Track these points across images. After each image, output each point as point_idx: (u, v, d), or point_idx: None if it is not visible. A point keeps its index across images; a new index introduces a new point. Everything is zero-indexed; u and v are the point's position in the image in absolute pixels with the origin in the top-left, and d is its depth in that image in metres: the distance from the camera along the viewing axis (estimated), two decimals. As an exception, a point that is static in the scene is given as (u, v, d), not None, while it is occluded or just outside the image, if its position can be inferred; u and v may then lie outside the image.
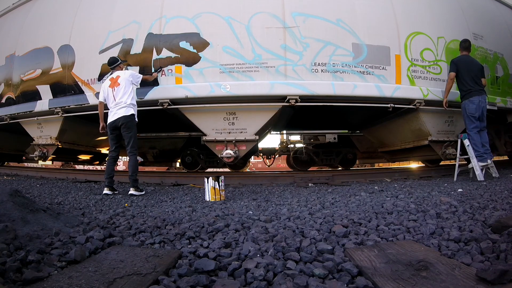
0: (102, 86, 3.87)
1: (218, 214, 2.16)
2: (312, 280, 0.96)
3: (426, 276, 0.95)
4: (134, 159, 3.76)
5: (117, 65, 3.89)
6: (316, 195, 3.29)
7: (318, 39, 4.19)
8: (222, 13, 4.19)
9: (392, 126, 5.42)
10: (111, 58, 3.95)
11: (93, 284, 0.92)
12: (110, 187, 3.72)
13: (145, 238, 1.52)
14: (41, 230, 1.44)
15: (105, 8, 4.67)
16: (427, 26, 4.61)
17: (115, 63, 3.90)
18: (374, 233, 1.53)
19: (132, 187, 3.65)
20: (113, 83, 3.76)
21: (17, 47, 5.33)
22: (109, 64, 3.90)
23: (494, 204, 2.11)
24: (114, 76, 3.80)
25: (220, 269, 1.11)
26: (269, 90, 4.07)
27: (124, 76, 3.77)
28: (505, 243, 1.18)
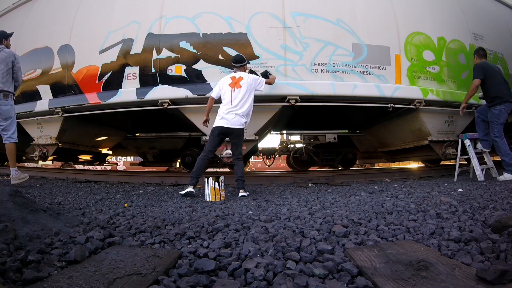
0: (221, 82, 3.59)
1: (218, 214, 2.16)
2: (312, 280, 0.96)
3: (426, 276, 0.95)
4: (242, 163, 3.60)
5: (243, 65, 3.65)
6: (316, 195, 3.29)
7: (318, 39, 4.19)
8: (222, 13, 4.20)
9: (392, 126, 5.42)
10: (237, 55, 3.71)
11: (93, 284, 0.92)
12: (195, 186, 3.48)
13: (145, 238, 1.52)
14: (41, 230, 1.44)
15: (105, 8, 4.67)
16: (427, 26, 4.61)
17: (242, 62, 3.64)
18: (374, 233, 1.53)
19: (241, 189, 3.49)
20: (234, 82, 3.51)
21: (17, 47, 5.32)
22: (234, 62, 3.65)
23: (494, 204, 2.11)
24: (236, 76, 3.56)
25: (220, 269, 1.11)
26: (269, 90, 4.07)
27: (247, 80, 3.53)
28: (505, 243, 1.18)
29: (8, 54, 3.64)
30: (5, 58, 3.60)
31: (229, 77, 3.60)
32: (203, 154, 3.54)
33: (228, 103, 3.50)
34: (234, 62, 3.66)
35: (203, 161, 3.52)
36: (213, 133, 3.55)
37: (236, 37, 4.15)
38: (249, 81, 3.54)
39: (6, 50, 3.68)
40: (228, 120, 3.47)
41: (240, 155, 3.62)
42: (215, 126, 3.54)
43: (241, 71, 3.64)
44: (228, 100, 3.50)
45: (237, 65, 3.64)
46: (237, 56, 3.72)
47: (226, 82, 3.56)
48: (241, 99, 3.48)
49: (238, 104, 3.48)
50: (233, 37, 4.15)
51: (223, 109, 3.52)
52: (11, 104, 3.67)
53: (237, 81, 3.53)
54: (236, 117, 3.47)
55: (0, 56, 3.59)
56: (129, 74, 4.36)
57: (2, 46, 3.69)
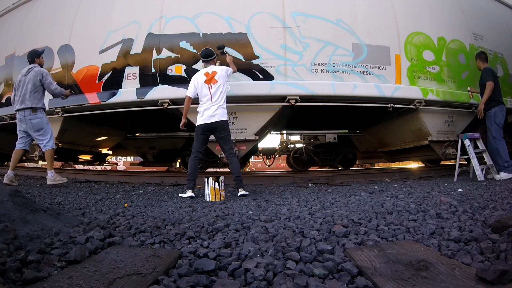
0: (194, 80, 3.53)
1: (218, 214, 2.16)
2: (312, 280, 0.96)
3: (426, 276, 0.95)
4: (236, 159, 3.54)
5: (212, 59, 3.61)
6: (316, 195, 3.29)
7: (318, 39, 4.19)
8: (222, 13, 4.20)
9: (392, 126, 5.42)
10: (206, 49, 3.63)
11: (93, 284, 0.92)
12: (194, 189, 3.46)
13: (145, 238, 1.52)
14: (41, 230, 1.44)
15: (105, 8, 4.67)
16: (427, 26, 4.62)
17: (211, 56, 3.59)
18: (374, 233, 1.53)
19: (241, 188, 3.46)
20: (209, 79, 3.46)
21: (17, 47, 5.33)
22: (204, 57, 3.59)
23: (494, 204, 2.11)
24: (209, 71, 3.50)
25: (220, 269, 1.11)
26: (269, 90, 4.07)
27: (221, 72, 3.48)
28: (505, 243, 1.18)
29: (35, 73, 3.90)
30: (33, 78, 3.89)
31: (202, 73, 3.53)
32: (193, 155, 3.52)
33: (208, 100, 3.45)
34: (204, 57, 3.60)
35: (195, 162, 3.49)
36: (197, 132, 3.52)
37: (236, 37, 4.15)
38: (223, 73, 3.51)
39: (35, 69, 3.95)
40: (210, 115, 3.41)
41: (232, 150, 3.57)
42: (198, 125, 3.51)
43: (212, 65, 3.60)
44: (208, 97, 3.45)
45: (207, 59, 3.59)
46: (206, 50, 3.64)
47: (201, 80, 3.49)
48: (220, 92, 3.45)
49: (218, 98, 3.45)
50: (233, 37, 4.15)
51: (203, 106, 3.47)
52: (40, 117, 3.94)
53: (211, 76, 3.48)
54: (218, 109, 3.43)
55: (29, 76, 3.89)
56: (129, 74, 4.36)
57: (34, 65, 3.99)
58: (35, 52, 4.07)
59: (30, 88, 3.87)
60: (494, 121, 4.13)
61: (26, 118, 3.89)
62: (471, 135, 4.37)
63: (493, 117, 4.13)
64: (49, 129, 4.00)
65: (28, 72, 3.93)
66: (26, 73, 3.94)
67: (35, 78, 3.88)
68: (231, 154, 3.54)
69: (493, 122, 4.13)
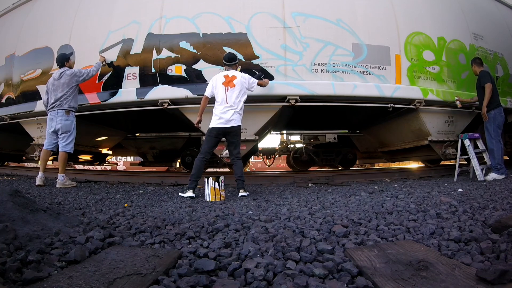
0: (213, 80, 3.54)
1: (218, 214, 2.16)
2: (312, 280, 0.96)
3: (426, 276, 0.95)
4: (240, 162, 3.59)
5: (235, 63, 3.63)
6: (316, 195, 3.29)
7: (318, 39, 4.19)
8: (222, 13, 4.19)
9: (392, 126, 5.42)
10: (230, 53, 3.68)
11: (93, 284, 0.92)
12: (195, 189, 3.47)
13: (145, 238, 1.52)
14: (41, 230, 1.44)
15: (105, 8, 4.67)
16: (427, 26, 4.61)
17: (234, 60, 3.62)
18: (374, 233, 1.53)
19: (241, 189, 3.48)
20: (227, 81, 3.46)
21: (17, 47, 5.33)
22: (227, 60, 3.61)
23: (494, 204, 2.11)
24: (229, 75, 3.51)
25: (220, 269, 1.11)
26: (269, 90, 4.07)
27: (240, 79, 3.50)
28: (505, 243, 1.18)
29: (70, 77, 4.02)
30: (68, 81, 4.01)
31: (222, 75, 3.55)
32: (200, 156, 3.50)
33: (223, 102, 3.46)
34: (227, 61, 3.62)
35: (201, 163, 3.49)
36: (211, 134, 3.51)
37: (236, 37, 4.15)
38: (242, 80, 3.52)
39: (67, 72, 4.05)
40: (227, 119, 3.43)
41: (239, 154, 3.61)
42: (212, 127, 3.50)
43: (233, 69, 3.61)
44: (222, 99, 3.45)
45: (229, 63, 3.62)
46: (229, 54, 3.68)
47: (220, 81, 3.50)
48: (236, 98, 3.47)
49: (234, 102, 3.46)
50: (233, 37, 4.15)
51: (219, 109, 3.48)
52: (72, 120, 4.08)
53: (230, 79, 3.48)
54: (235, 115, 3.46)
55: (63, 80, 4.00)
56: (129, 74, 4.36)
57: (65, 68, 4.10)
58: (64, 56, 4.19)
59: (67, 90, 4.00)
60: (493, 123, 4.15)
61: (58, 118, 3.98)
62: (471, 135, 4.37)
63: (493, 119, 4.15)
64: (74, 133, 4.12)
65: (60, 76, 4.03)
66: (58, 77, 4.04)
67: (70, 81, 4.02)
68: (237, 158, 3.58)
69: (492, 124, 4.15)
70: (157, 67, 4.25)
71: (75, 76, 4.05)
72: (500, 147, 4.13)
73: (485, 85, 4.13)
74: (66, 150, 4.02)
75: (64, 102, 4.00)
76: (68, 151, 4.04)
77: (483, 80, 4.18)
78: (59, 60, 4.13)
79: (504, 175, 3.98)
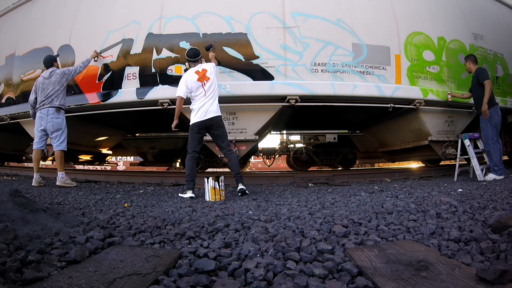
0: (184, 81, 3.51)
1: (218, 214, 2.16)
2: (312, 280, 0.96)
3: (426, 276, 0.95)
4: (235, 156, 3.56)
5: (200, 58, 3.61)
6: (316, 195, 3.29)
7: (318, 39, 4.19)
8: (222, 13, 4.19)
9: (392, 126, 5.42)
10: (193, 49, 3.62)
11: (93, 284, 0.92)
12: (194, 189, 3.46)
13: (145, 238, 1.52)
14: (41, 230, 1.44)
15: (105, 8, 4.67)
16: (427, 26, 4.61)
17: (199, 55, 3.60)
18: (374, 233, 1.53)
19: (240, 183, 3.47)
20: (201, 76, 3.46)
21: (17, 47, 5.33)
22: (191, 57, 3.57)
23: (494, 204, 2.10)
24: (199, 70, 3.50)
25: (220, 269, 1.11)
26: (269, 90, 4.07)
27: (211, 69, 3.51)
28: (505, 243, 1.18)
29: (61, 75, 4.08)
30: (59, 80, 4.06)
31: (193, 72, 3.52)
32: (189, 156, 3.51)
33: (202, 97, 3.45)
34: (192, 57, 3.57)
35: (192, 162, 3.49)
36: (192, 131, 3.50)
37: (236, 37, 4.15)
38: (213, 70, 3.54)
39: (57, 71, 4.11)
40: (205, 111, 3.41)
41: (229, 147, 3.56)
42: (193, 123, 3.49)
43: (200, 64, 3.61)
44: (202, 93, 3.45)
45: (195, 59, 3.58)
46: (193, 50, 3.62)
47: (193, 78, 3.48)
48: (213, 89, 3.48)
49: (211, 93, 3.47)
50: (233, 37, 4.15)
51: (198, 104, 3.46)
52: (62, 118, 4.11)
53: (203, 74, 3.48)
54: (213, 105, 3.45)
55: (54, 78, 4.05)
56: (129, 74, 4.36)
57: (53, 68, 4.16)
58: (51, 57, 4.24)
59: (57, 89, 4.03)
60: (490, 123, 4.10)
61: (49, 117, 3.99)
62: (471, 135, 4.36)
63: (489, 119, 4.10)
64: (66, 131, 4.13)
65: (51, 75, 4.07)
66: (48, 76, 4.07)
67: (61, 80, 4.06)
68: (229, 151, 3.53)
69: (489, 124, 4.11)
70: (157, 67, 4.25)
71: (65, 74, 4.09)
72: (498, 148, 4.09)
73: (485, 82, 4.06)
74: (61, 148, 4.05)
75: (55, 99, 4.01)
76: (63, 149, 4.07)
77: (481, 77, 4.12)
78: (47, 61, 4.17)
79: (503, 175, 3.96)
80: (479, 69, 4.23)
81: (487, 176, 4.05)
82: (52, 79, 4.04)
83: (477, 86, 4.19)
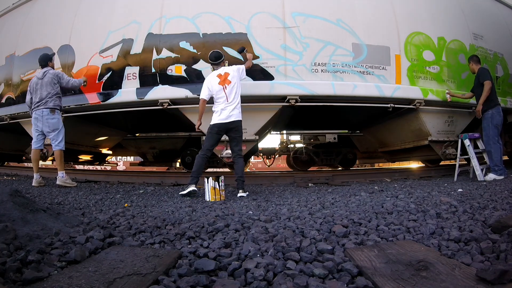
0: (207, 83, 3.53)
1: (218, 214, 2.16)
2: (312, 280, 0.96)
3: (426, 276, 0.95)
4: (242, 161, 3.58)
5: (222, 61, 3.64)
6: (316, 195, 3.29)
7: (318, 39, 4.19)
8: (222, 13, 4.19)
9: (392, 126, 5.42)
10: (215, 52, 3.67)
11: (93, 284, 0.92)
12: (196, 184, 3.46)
13: (145, 238, 1.52)
14: (41, 230, 1.44)
15: (105, 8, 4.67)
16: (427, 26, 4.61)
17: (220, 58, 3.62)
18: (374, 233, 1.53)
19: (241, 189, 3.47)
20: (222, 80, 3.49)
21: (17, 47, 5.33)
22: (214, 60, 3.61)
23: (494, 204, 2.10)
24: (222, 73, 3.53)
25: (220, 269, 1.11)
26: (269, 90, 4.06)
27: (233, 73, 3.53)
28: (505, 243, 1.18)
29: (52, 76, 4.04)
30: (51, 81, 4.02)
31: (215, 75, 3.55)
32: (201, 153, 3.53)
33: (224, 101, 3.49)
34: (214, 60, 3.62)
35: (202, 160, 3.51)
36: (212, 131, 3.53)
37: (236, 37, 4.15)
38: (235, 74, 3.55)
39: (51, 72, 4.08)
40: (228, 114, 3.46)
41: (241, 152, 3.61)
42: (213, 124, 3.52)
43: (222, 67, 3.63)
44: (223, 98, 3.49)
45: (217, 62, 3.62)
46: (215, 53, 3.66)
47: (215, 82, 3.51)
48: (235, 93, 3.51)
49: (234, 98, 3.50)
50: (233, 37, 4.15)
51: (220, 106, 3.50)
52: (57, 118, 4.08)
53: (224, 77, 3.51)
54: (235, 110, 3.50)
55: (47, 79, 4.02)
56: (129, 74, 4.36)
57: (48, 68, 4.12)
58: (46, 56, 4.20)
59: (49, 89, 4.01)
60: (491, 123, 4.10)
61: (44, 118, 3.98)
62: (471, 135, 4.36)
63: (491, 119, 4.10)
64: (63, 130, 4.12)
65: (44, 75, 4.04)
66: (42, 76, 4.04)
67: (52, 81, 4.03)
68: (239, 156, 3.58)
69: (490, 124, 4.11)
70: (157, 67, 4.25)
71: (57, 76, 4.06)
72: (499, 148, 4.10)
73: (484, 82, 4.07)
74: (60, 148, 4.05)
75: (50, 100, 3.99)
76: (61, 149, 4.07)
77: (482, 77, 4.13)
78: (42, 60, 4.14)
79: (503, 175, 3.96)
80: (481, 69, 4.24)
81: (487, 176, 4.05)
82: (45, 79, 4.01)
83: (479, 87, 4.19)
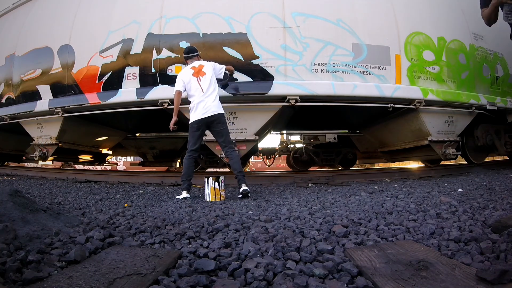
0: (181, 76, 3.45)
1: (218, 214, 2.16)
2: (312, 280, 0.96)
3: (426, 276, 0.95)
4: (236, 154, 3.41)
5: (196, 55, 3.57)
6: (316, 195, 3.28)
7: (318, 39, 4.19)
8: (222, 13, 4.19)
9: (392, 126, 5.42)
10: (188, 46, 3.65)
11: (93, 284, 0.92)
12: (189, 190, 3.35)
13: (145, 238, 1.52)
14: (41, 230, 1.44)
15: (105, 8, 4.67)
16: (427, 26, 4.61)
17: (195, 52, 3.56)
18: (374, 233, 1.53)
19: (243, 183, 3.29)
20: (196, 71, 3.40)
21: (17, 47, 5.33)
22: (188, 53, 3.55)
23: (494, 204, 2.10)
24: (196, 65, 3.45)
25: (220, 269, 1.11)
26: (269, 90, 4.06)
27: (208, 66, 3.45)
28: (505, 243, 1.18)
29: None
30: None
31: (189, 68, 3.46)
32: (187, 154, 3.40)
33: (199, 93, 3.34)
34: (188, 53, 3.54)
35: (190, 162, 3.39)
36: (192, 129, 3.38)
37: (236, 37, 4.15)
38: (210, 67, 3.45)
39: None
40: (205, 108, 3.29)
41: (231, 144, 3.43)
42: (193, 121, 3.38)
43: (197, 61, 3.54)
44: (198, 89, 3.34)
45: (190, 55, 3.53)
46: (188, 47, 3.62)
47: (189, 74, 3.40)
48: (210, 84, 3.36)
49: (209, 89, 3.35)
50: (233, 37, 4.16)
51: (196, 100, 3.35)
52: None
53: (198, 69, 3.41)
54: (214, 101, 3.34)
55: None
56: (129, 74, 4.37)
57: None
58: None
59: None
60: None
61: None
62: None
63: None
64: None
65: None
66: None
67: None
68: (231, 148, 3.40)
69: None
70: (157, 67, 4.25)
71: None
72: None
73: None
74: None
75: None
76: None
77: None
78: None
79: None
80: None
81: None
82: None
83: None
